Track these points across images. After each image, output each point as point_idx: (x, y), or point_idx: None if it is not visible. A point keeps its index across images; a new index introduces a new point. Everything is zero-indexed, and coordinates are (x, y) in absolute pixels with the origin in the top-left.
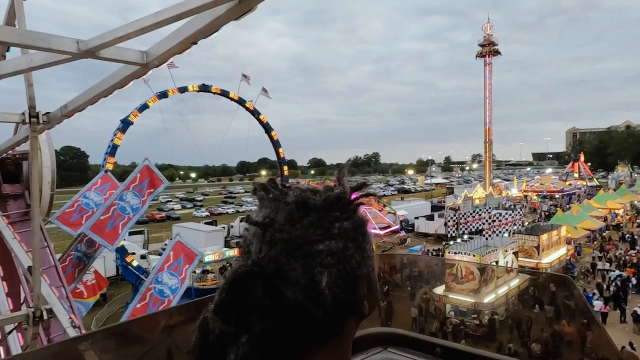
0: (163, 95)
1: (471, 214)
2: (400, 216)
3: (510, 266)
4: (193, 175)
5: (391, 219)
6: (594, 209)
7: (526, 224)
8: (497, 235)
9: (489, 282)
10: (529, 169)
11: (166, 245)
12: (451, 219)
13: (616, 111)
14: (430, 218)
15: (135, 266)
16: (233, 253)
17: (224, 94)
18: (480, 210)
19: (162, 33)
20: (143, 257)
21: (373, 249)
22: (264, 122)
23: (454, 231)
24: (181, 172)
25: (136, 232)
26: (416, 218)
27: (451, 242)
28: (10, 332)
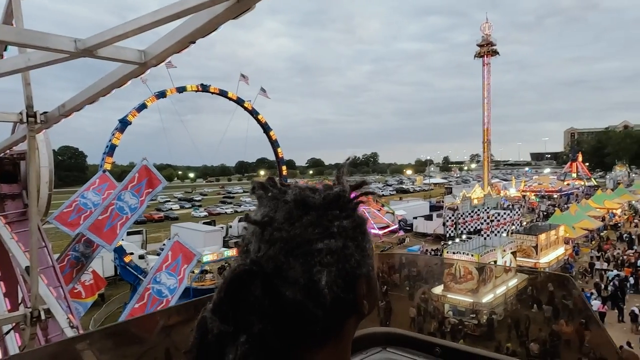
0: (161, 95)
1: (469, 214)
2: (399, 216)
3: (509, 266)
4: (191, 175)
5: (389, 218)
6: (592, 209)
7: (524, 223)
8: (496, 235)
9: (487, 282)
10: (527, 169)
11: (164, 245)
12: (450, 218)
13: (614, 111)
14: (428, 218)
15: (129, 262)
16: (231, 253)
17: (222, 94)
18: (478, 210)
19: (160, 32)
20: (141, 257)
21: (373, 248)
22: (262, 122)
23: (452, 231)
24: (179, 172)
25: (134, 232)
26: (415, 218)
27: (450, 242)
28: (7, 332)
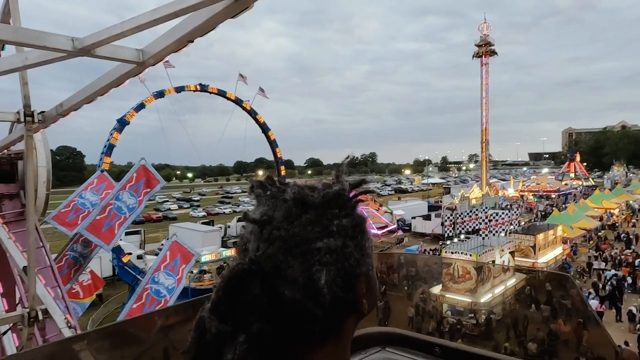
0: (160, 94)
1: (468, 214)
2: (397, 215)
3: (508, 265)
4: (190, 175)
5: (388, 218)
6: (590, 208)
7: (522, 223)
8: (494, 234)
9: (485, 282)
10: (525, 168)
11: (163, 245)
12: (448, 218)
13: (612, 111)
14: (427, 218)
15: (127, 262)
16: (230, 253)
17: (221, 93)
18: (476, 210)
19: (158, 32)
20: (139, 257)
21: (372, 246)
22: (261, 122)
23: (450, 231)
24: (178, 172)
25: (133, 232)
26: (413, 218)
27: (448, 242)
28: (5, 332)
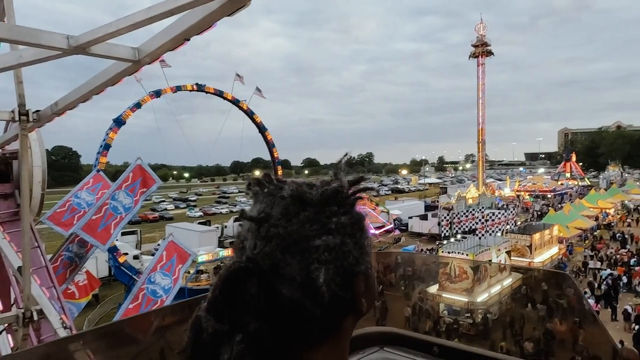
0: (157, 94)
1: (464, 214)
2: (394, 215)
3: (506, 264)
4: (186, 175)
5: (384, 218)
6: (586, 208)
7: (519, 223)
8: (490, 234)
9: (482, 281)
10: (521, 168)
11: (159, 245)
12: (445, 218)
13: (607, 112)
14: (423, 218)
15: (123, 262)
16: (227, 253)
17: (218, 94)
18: (473, 210)
19: (153, 30)
20: (136, 257)
21: (371, 244)
22: (258, 123)
23: (447, 231)
24: (174, 172)
25: (129, 233)
26: (410, 218)
27: (445, 242)
28: (0, 333)
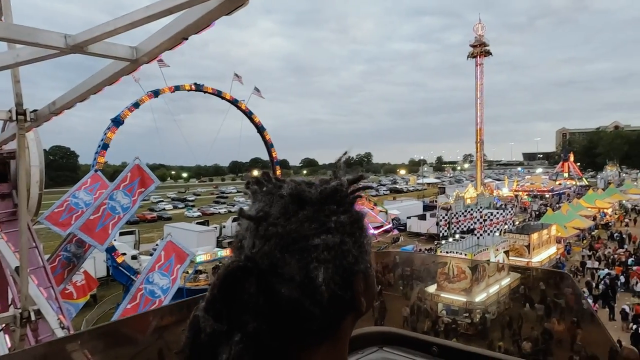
0: (155, 93)
1: (463, 214)
2: (392, 214)
3: (502, 263)
4: (185, 175)
5: (382, 217)
6: (584, 208)
7: (517, 223)
8: (489, 234)
9: (480, 281)
10: (519, 168)
11: (157, 245)
12: (443, 218)
13: (605, 112)
14: (422, 217)
15: (121, 262)
16: (225, 253)
17: (217, 94)
18: (471, 210)
19: (151, 30)
20: (134, 257)
21: (370, 243)
22: (257, 123)
23: (445, 230)
24: (173, 172)
25: (127, 233)
26: (408, 218)
27: (443, 242)
28: None
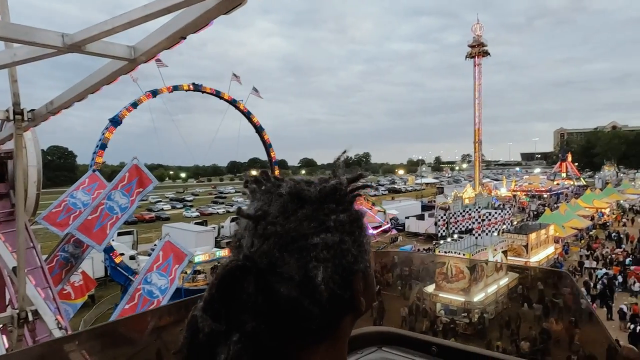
0: (154, 93)
1: (461, 214)
2: (390, 214)
3: (502, 263)
4: (183, 175)
5: (380, 217)
6: (581, 208)
7: (515, 223)
8: (487, 234)
9: (478, 281)
10: (517, 168)
11: (155, 245)
12: (441, 218)
13: (603, 112)
14: (420, 217)
15: (119, 263)
16: (223, 253)
17: (216, 94)
18: (470, 210)
19: (150, 29)
20: (132, 257)
21: (370, 242)
22: (256, 124)
23: (444, 230)
24: (171, 172)
25: (125, 233)
26: (407, 218)
27: (441, 242)
28: None
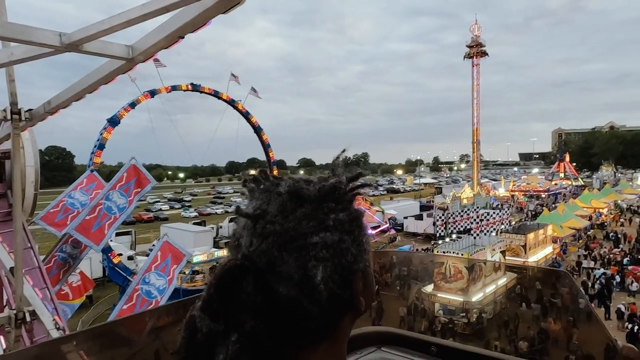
0: (152, 93)
1: (459, 214)
2: (388, 214)
3: (501, 262)
4: (181, 175)
5: (379, 217)
6: (579, 208)
7: (513, 223)
8: (485, 234)
9: (477, 281)
10: (515, 168)
11: (154, 246)
12: (440, 218)
13: (600, 112)
14: (419, 218)
15: (118, 263)
16: (222, 253)
17: (215, 94)
18: (468, 210)
19: (148, 29)
20: (130, 258)
21: (369, 242)
22: (254, 124)
23: (442, 230)
24: (169, 172)
25: (123, 233)
26: (405, 218)
27: (440, 242)
28: None
